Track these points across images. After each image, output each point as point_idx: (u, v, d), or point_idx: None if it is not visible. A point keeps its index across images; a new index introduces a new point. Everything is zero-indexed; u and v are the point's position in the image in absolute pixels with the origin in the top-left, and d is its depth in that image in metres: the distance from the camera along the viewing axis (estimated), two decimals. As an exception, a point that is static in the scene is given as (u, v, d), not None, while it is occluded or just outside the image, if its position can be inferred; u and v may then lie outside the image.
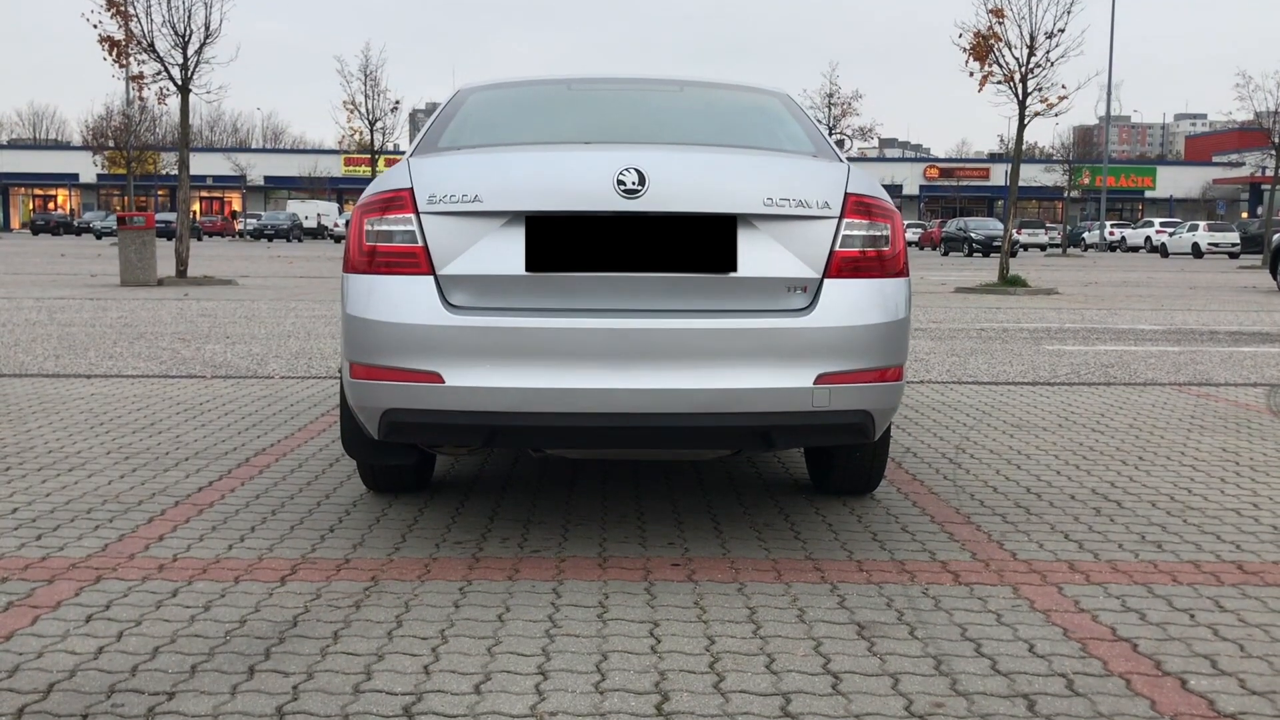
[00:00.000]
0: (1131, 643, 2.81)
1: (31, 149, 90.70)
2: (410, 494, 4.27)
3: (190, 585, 3.18)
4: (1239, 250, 47.28)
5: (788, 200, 3.39)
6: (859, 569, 3.41)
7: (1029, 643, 2.81)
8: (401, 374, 3.33)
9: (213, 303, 14.39)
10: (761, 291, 3.39)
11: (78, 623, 2.87)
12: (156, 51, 18.28)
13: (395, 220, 3.41)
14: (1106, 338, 11.21)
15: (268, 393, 6.92)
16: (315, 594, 3.12)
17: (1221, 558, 3.57)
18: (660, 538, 3.73)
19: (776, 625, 2.90)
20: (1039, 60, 19.04)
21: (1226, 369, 8.77)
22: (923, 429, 5.86)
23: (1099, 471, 4.85)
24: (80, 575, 3.26)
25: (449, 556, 3.49)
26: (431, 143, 3.96)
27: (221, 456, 4.96)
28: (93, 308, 13.35)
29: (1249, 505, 4.27)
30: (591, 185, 3.33)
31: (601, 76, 4.67)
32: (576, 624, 2.90)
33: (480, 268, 3.35)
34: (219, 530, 3.76)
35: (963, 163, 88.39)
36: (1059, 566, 3.45)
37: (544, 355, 3.25)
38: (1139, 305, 15.95)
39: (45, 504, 4.09)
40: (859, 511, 4.12)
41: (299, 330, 10.95)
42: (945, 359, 9.25)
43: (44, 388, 7.00)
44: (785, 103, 4.44)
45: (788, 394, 3.31)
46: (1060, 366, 8.79)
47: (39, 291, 16.13)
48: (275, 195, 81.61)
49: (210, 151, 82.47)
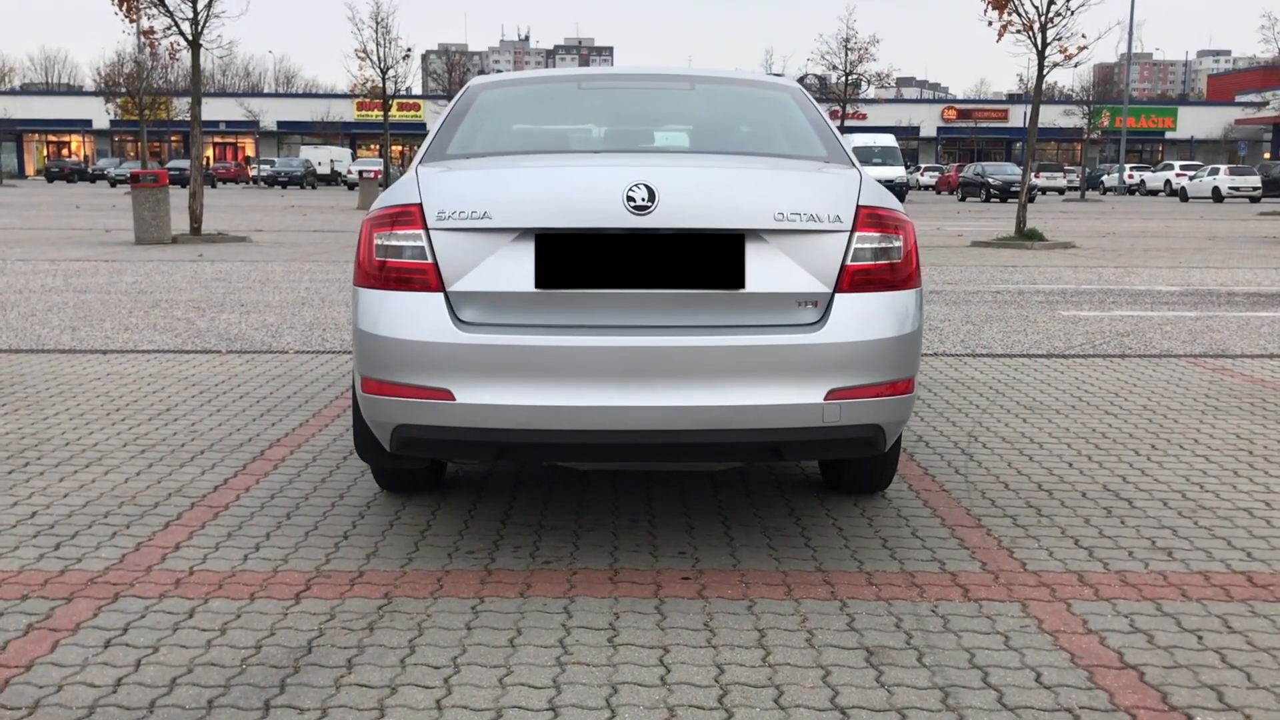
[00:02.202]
0: (1139, 671, 2.83)
1: (44, 95, 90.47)
2: (423, 494, 4.30)
3: (206, 604, 3.22)
4: (1260, 194, 46.75)
5: (799, 215, 3.36)
6: (869, 582, 3.43)
7: (1036, 671, 2.83)
8: (412, 390, 3.34)
9: (227, 264, 14.41)
10: (772, 306, 3.38)
11: (96, 649, 2.91)
12: (166, 5, 18.12)
13: (404, 236, 3.40)
14: (1123, 301, 11.13)
15: (282, 370, 6.95)
16: (329, 614, 3.15)
17: (1231, 568, 3.58)
18: (671, 545, 3.75)
19: (785, 651, 2.93)
20: (1059, 9, 18.72)
21: (1243, 337, 8.72)
22: (936, 412, 5.86)
23: (1110, 464, 4.85)
24: (98, 592, 3.30)
25: (462, 569, 3.52)
26: (440, 149, 3.94)
27: (236, 449, 5.00)
28: (108, 271, 13.39)
29: (1260, 504, 4.27)
30: (601, 202, 3.31)
31: (612, 73, 4.62)
32: (587, 650, 2.93)
33: (490, 284, 3.34)
34: (234, 538, 3.80)
35: (981, 104, 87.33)
36: (1068, 579, 3.46)
37: (554, 374, 3.25)
38: (1156, 262, 15.81)
39: (63, 506, 4.14)
40: (870, 513, 4.13)
41: (313, 296, 10.96)
42: (960, 327, 9.22)
43: (60, 366, 7.04)
44: (796, 98, 4.39)
45: (798, 410, 3.31)
46: (1075, 335, 8.75)
47: (54, 252, 16.17)
48: (288, 140, 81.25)
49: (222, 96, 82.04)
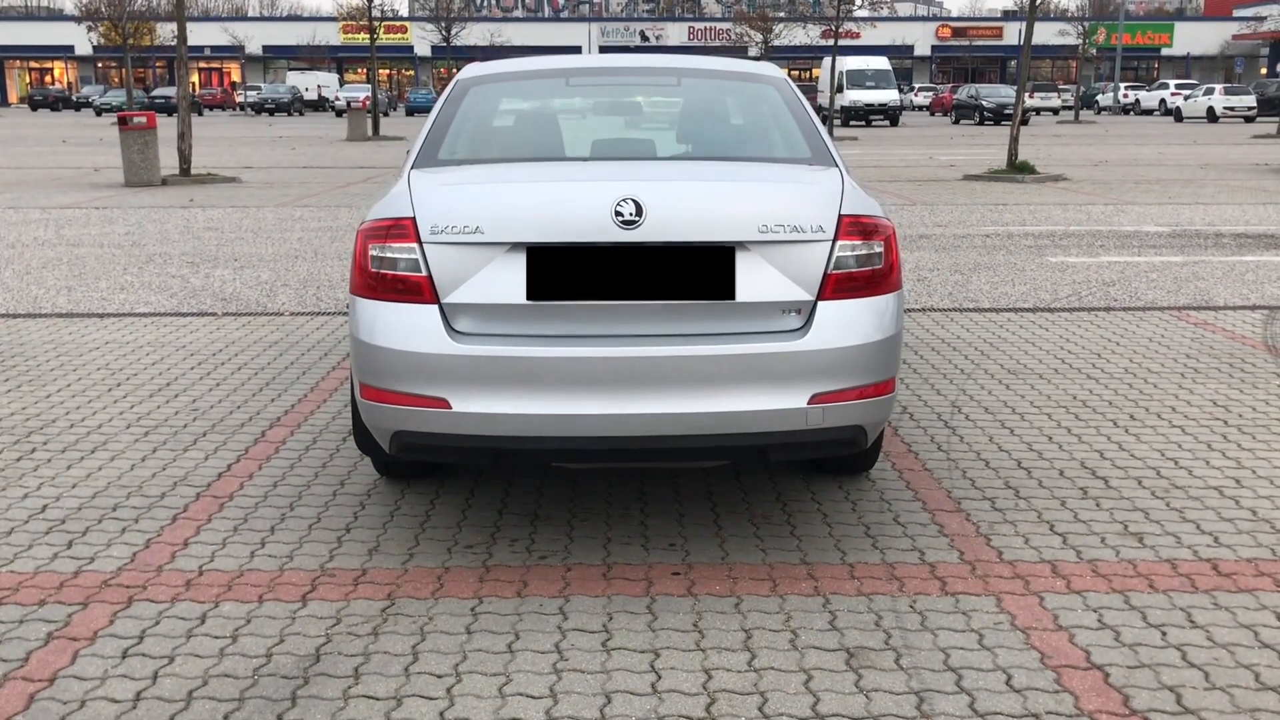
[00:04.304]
0: (1104, 671, 2.99)
1: (24, 20, 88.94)
2: (422, 481, 4.44)
3: (217, 608, 3.37)
4: (1255, 114, 46.52)
5: (782, 226, 3.46)
6: (850, 575, 3.59)
7: (1007, 673, 2.99)
8: (410, 399, 3.45)
9: (218, 210, 14.41)
10: (757, 314, 3.48)
11: (115, 660, 3.06)
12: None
13: (399, 249, 3.49)
14: (1110, 244, 11.22)
15: (279, 337, 7.05)
16: (335, 618, 3.30)
17: (1199, 555, 3.74)
18: (662, 536, 3.90)
19: (770, 654, 3.08)
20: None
21: (1227, 285, 8.83)
22: (921, 379, 5.99)
23: (1089, 436, 4.99)
24: (113, 596, 3.44)
25: (461, 566, 3.67)
26: (432, 152, 4.00)
27: (238, 430, 5.12)
28: (99, 220, 13.39)
29: (1231, 482, 4.42)
30: (590, 217, 3.40)
31: (599, 66, 4.67)
32: (582, 655, 3.08)
33: (483, 296, 3.44)
34: (240, 532, 3.94)
35: (976, 21, 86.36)
36: (1042, 570, 3.62)
37: (547, 383, 3.37)
38: (1146, 198, 15.85)
39: (72, 499, 4.27)
40: (854, 496, 4.28)
41: (305, 250, 11.01)
42: (949, 276, 9.31)
43: (59, 333, 7.14)
44: (781, 90, 4.45)
45: (783, 414, 3.43)
46: (1062, 285, 8.86)
47: (45, 198, 16.13)
48: (274, 65, 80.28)
49: (206, 20, 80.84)
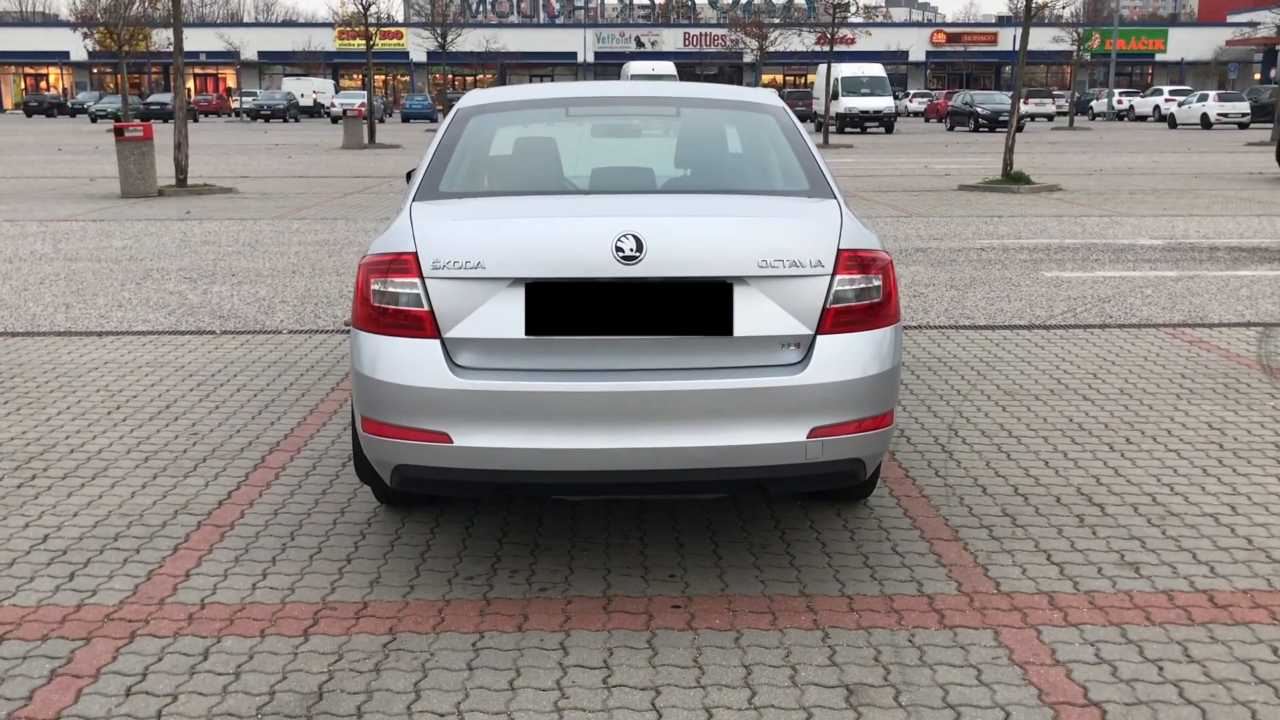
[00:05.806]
0: (1101, 709, 3.01)
1: (18, 26, 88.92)
2: (421, 509, 4.45)
3: (219, 643, 3.38)
4: (1249, 121, 46.64)
5: (781, 261, 3.48)
6: (850, 608, 3.61)
7: (1005, 710, 3.01)
8: (411, 433, 3.47)
9: (215, 223, 14.42)
10: (756, 349, 3.51)
11: (118, 698, 3.07)
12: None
13: (400, 284, 3.51)
14: (1105, 258, 11.26)
15: (278, 356, 7.06)
16: (337, 654, 3.32)
17: (1195, 585, 3.76)
18: (661, 567, 3.92)
19: (770, 691, 3.10)
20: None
21: (1221, 301, 8.88)
22: (918, 400, 6.02)
23: (1085, 461, 5.02)
24: (115, 631, 3.46)
25: (462, 598, 3.68)
26: (433, 185, 4.03)
27: (238, 455, 5.14)
28: (96, 233, 13.40)
29: (1226, 509, 4.45)
30: (590, 253, 3.42)
31: (598, 95, 4.69)
32: (583, 693, 3.10)
33: (484, 331, 3.46)
34: (241, 563, 3.96)
35: (970, 27, 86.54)
36: (1039, 602, 3.65)
37: (547, 417, 3.40)
38: (1141, 209, 15.91)
39: (73, 528, 4.28)
40: (853, 525, 4.30)
41: (303, 264, 11.03)
42: (945, 293, 9.35)
43: (58, 352, 7.15)
44: (779, 119, 4.48)
45: (782, 449, 3.45)
46: (1057, 302, 8.89)
47: (41, 209, 16.13)
48: (270, 71, 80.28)
49: (202, 26, 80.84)
